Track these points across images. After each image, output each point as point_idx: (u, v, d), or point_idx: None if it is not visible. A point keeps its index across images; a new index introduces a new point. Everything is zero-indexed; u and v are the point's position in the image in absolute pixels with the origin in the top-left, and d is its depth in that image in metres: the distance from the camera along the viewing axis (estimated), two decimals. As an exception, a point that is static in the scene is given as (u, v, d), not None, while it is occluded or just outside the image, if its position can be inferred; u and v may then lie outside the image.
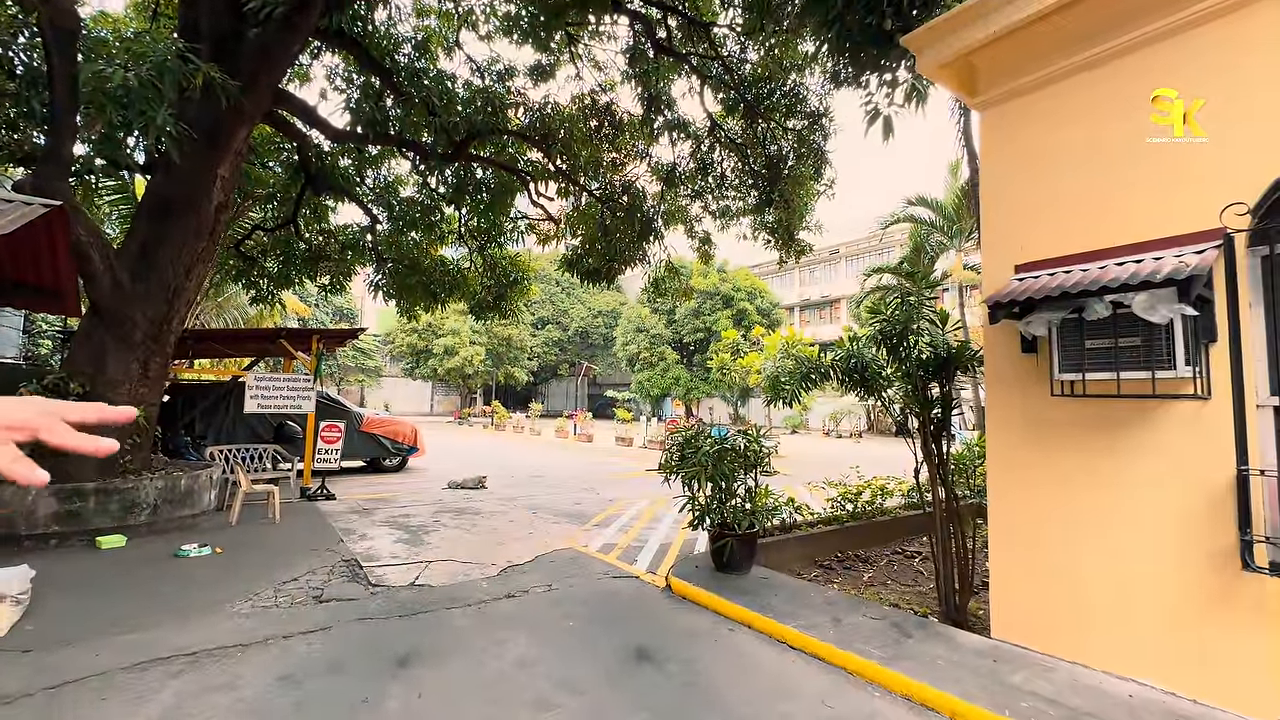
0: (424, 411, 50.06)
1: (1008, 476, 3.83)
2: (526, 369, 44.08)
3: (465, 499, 9.43)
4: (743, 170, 11.21)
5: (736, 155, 11.10)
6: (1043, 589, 3.58)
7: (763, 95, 10.21)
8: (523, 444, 22.27)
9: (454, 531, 7.11)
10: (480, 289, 12.52)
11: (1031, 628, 3.61)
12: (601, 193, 10.74)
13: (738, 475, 5.16)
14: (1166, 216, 3.16)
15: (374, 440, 12.18)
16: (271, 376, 9.01)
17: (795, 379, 4.86)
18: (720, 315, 38.39)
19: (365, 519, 7.70)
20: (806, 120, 10.64)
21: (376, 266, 11.28)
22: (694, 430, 5.48)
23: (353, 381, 44.70)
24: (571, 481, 11.78)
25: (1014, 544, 3.76)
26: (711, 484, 5.12)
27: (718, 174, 11.55)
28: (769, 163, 10.75)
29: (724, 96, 10.69)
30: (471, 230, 12.04)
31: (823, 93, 10.54)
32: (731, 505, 5.08)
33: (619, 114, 10.74)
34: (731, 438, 5.34)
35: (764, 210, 11.24)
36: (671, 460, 5.44)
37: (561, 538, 6.92)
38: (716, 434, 14.06)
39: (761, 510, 5.20)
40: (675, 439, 5.53)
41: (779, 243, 11.22)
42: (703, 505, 5.18)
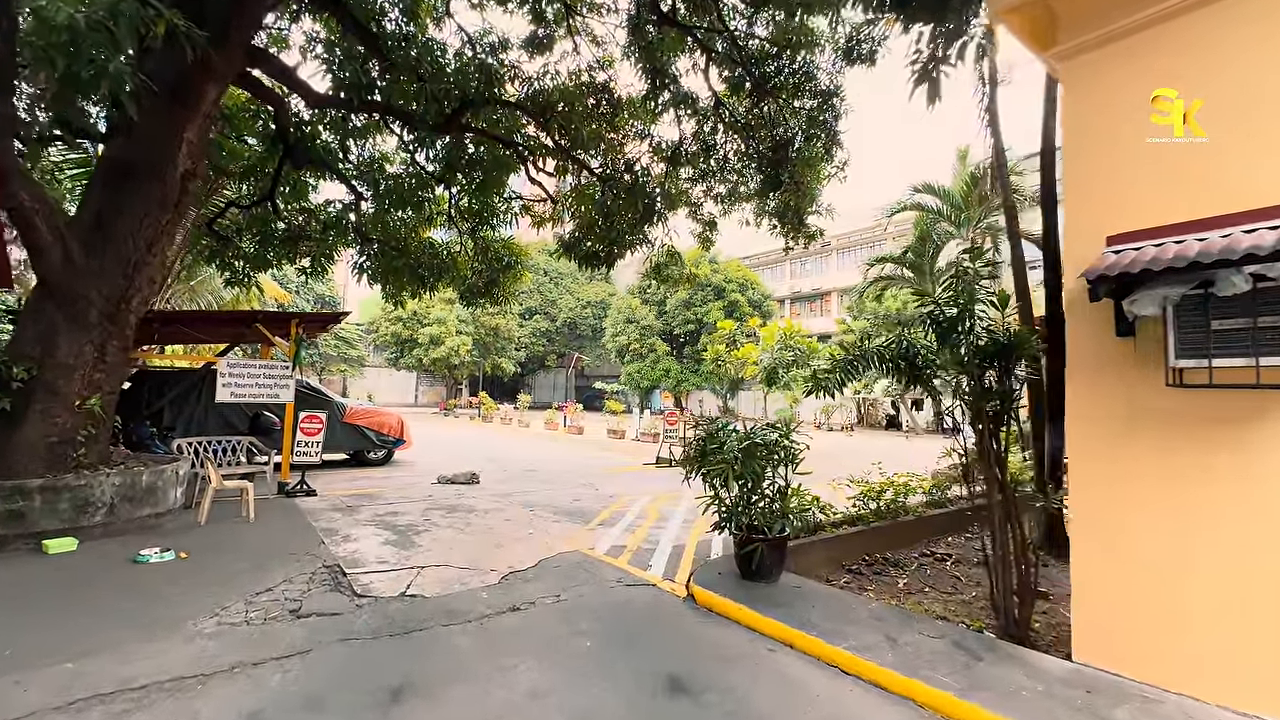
0: (408, 402, 49.09)
1: (1096, 472, 3.36)
2: (514, 360, 43.32)
3: (457, 495, 8.85)
4: (747, 153, 10.67)
5: (741, 137, 10.55)
6: (1138, 601, 3.13)
7: (770, 73, 9.68)
8: (512, 436, 21.66)
9: (447, 532, 6.55)
10: (471, 274, 11.88)
11: (1123, 648, 3.16)
12: (602, 171, 10.13)
13: (767, 473, 4.66)
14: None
15: (358, 432, 11.52)
16: (246, 363, 8.32)
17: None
18: (711, 307, 37.92)
19: (349, 517, 7.10)
20: (817, 100, 10.13)
21: (360, 248, 10.57)
22: (717, 424, 4.96)
23: (335, 371, 43.61)
24: (567, 476, 11.24)
25: (1102, 548, 3.30)
26: (739, 483, 4.61)
27: (720, 156, 11.01)
28: (775, 144, 10.23)
29: (729, 75, 10.14)
30: (462, 211, 11.37)
31: (833, 71, 10.04)
32: (761, 506, 4.57)
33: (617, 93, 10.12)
34: (759, 432, 4.83)
35: (769, 195, 10.73)
36: (693, 456, 4.92)
37: (564, 539, 6.39)
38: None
39: (794, 512, 4.70)
40: (697, 434, 5.01)
41: (788, 228, 10.71)
42: (729, 506, 4.67)
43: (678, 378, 39.64)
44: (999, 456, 4.14)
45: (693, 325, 38.78)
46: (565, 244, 11.07)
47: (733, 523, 4.63)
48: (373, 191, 10.20)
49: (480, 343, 38.90)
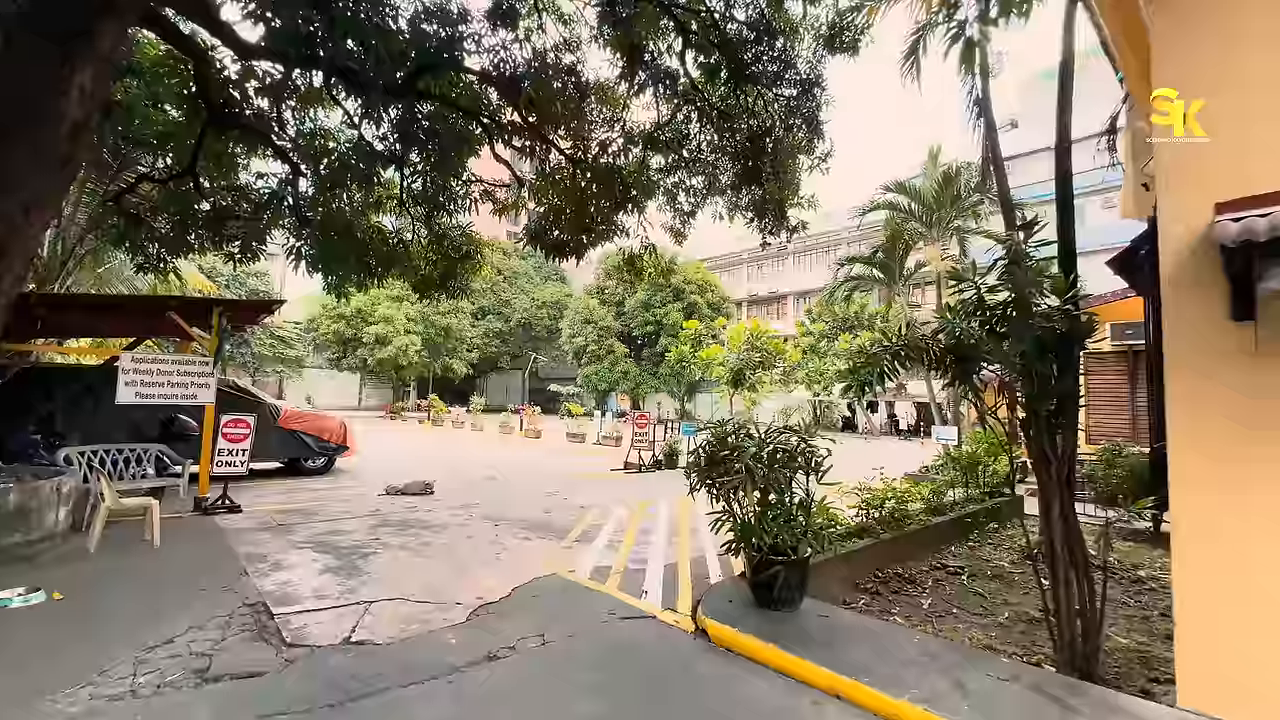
0: (351, 406, 46.43)
1: (1208, 476, 2.85)
2: (466, 361, 41.65)
3: (409, 508, 7.85)
4: (722, 145, 10.10)
5: (716, 126, 9.95)
6: (1263, 635, 2.63)
7: (749, 60, 9.15)
8: (466, 442, 20.44)
9: (400, 554, 5.61)
10: (424, 264, 10.84)
11: (1241, 692, 2.66)
12: (574, 153, 9.34)
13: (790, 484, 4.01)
14: None
15: (294, 438, 10.28)
16: (156, 358, 7.09)
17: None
18: (670, 308, 37.55)
19: (281, 539, 6.04)
20: (797, 89, 9.67)
21: (298, 231, 9.38)
22: (727, 426, 4.28)
23: (270, 373, 40.73)
24: (532, 484, 10.35)
25: (1214, 567, 2.79)
26: (760, 495, 3.94)
27: (695, 146, 10.43)
28: (752, 134, 9.71)
29: (705, 61, 9.56)
30: (416, 195, 10.33)
31: (815, 60, 9.62)
32: (782, 521, 3.91)
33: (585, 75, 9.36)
34: (774, 434, 4.18)
35: (747, 187, 10.22)
36: (699, 464, 4.22)
37: (539, 559, 5.57)
38: (686, 432, 12.89)
39: (820, 529, 4.07)
40: (704, 438, 4.32)
41: (770, 220, 10.21)
42: (745, 522, 3.99)
43: (636, 380, 39.04)
44: (1060, 464, 3.63)
45: (652, 327, 38.28)
46: (531, 233, 10.21)
47: (749, 542, 3.96)
48: (313, 168, 9.06)
49: (430, 343, 37.14)
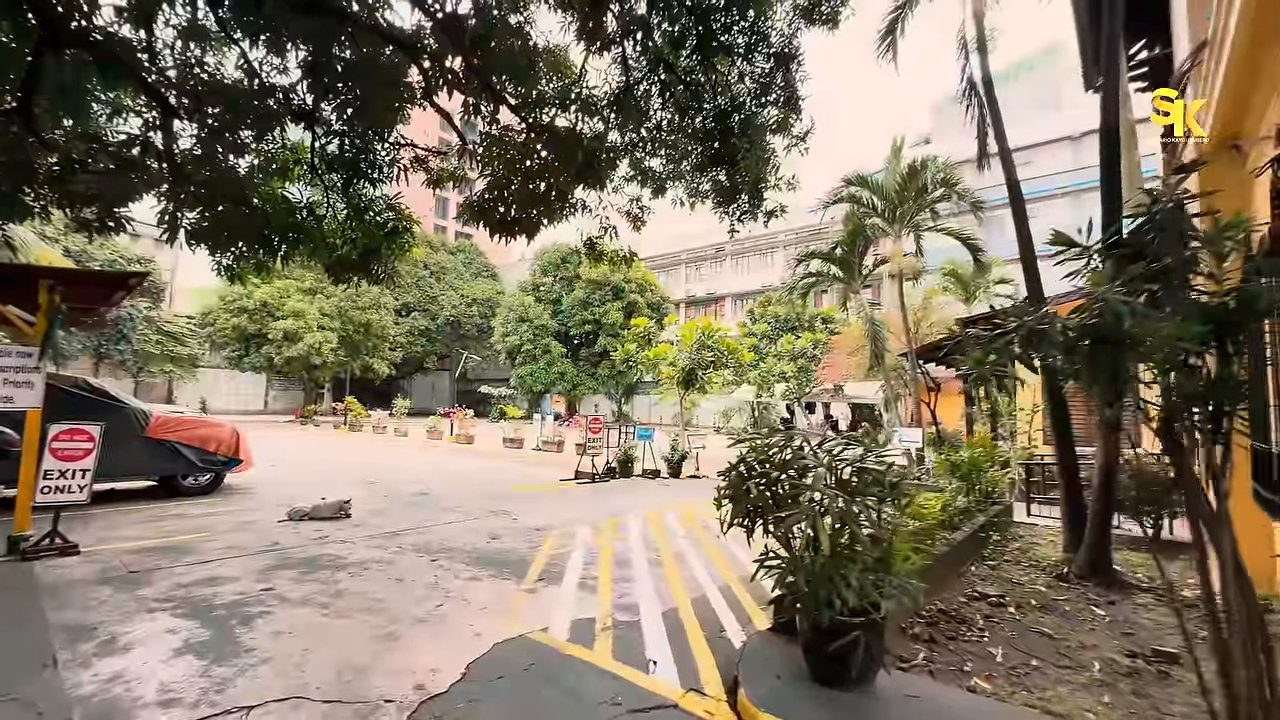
0: (256, 409, 42.06)
1: None
2: (388, 361, 38.58)
3: (318, 539, 6.23)
4: (683, 124, 9.06)
5: (678, 104, 8.88)
6: None
7: (718, 29, 8.19)
8: (389, 449, 18.35)
9: (302, 613, 4.11)
10: (341, 241, 9.11)
11: None
12: (529, 114, 7.99)
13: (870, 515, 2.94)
14: None
15: (168, 450, 8.27)
16: (-53, 346, 5.12)
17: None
18: (610, 307, 36.40)
19: (127, 594, 4.36)
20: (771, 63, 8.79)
21: (173, 191, 7.44)
22: (778, 437, 3.16)
23: (156, 373, 36.01)
24: (472, 501, 8.86)
25: None
26: (830, 535, 2.84)
27: (655, 123, 9.35)
28: (721, 112, 8.74)
29: (671, 30, 8.50)
30: (330, 159, 8.60)
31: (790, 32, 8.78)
32: (866, 570, 2.82)
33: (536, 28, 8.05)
34: (842, 447, 3.10)
35: (714, 169, 9.24)
36: (732, 492, 3.08)
37: (496, 610, 4.24)
38: (642, 436, 11.77)
39: (906, 577, 3.01)
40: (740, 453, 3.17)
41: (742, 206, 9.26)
42: (815, 571, 2.87)
43: (574, 381, 37.57)
44: (1219, 488, 2.76)
45: (590, 326, 36.96)
46: (474, 208, 8.73)
47: (816, 598, 2.84)
48: (193, 109, 7.17)
49: (348, 341, 34.00)
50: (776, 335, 31.50)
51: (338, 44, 6.80)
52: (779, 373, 28.57)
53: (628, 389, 39.24)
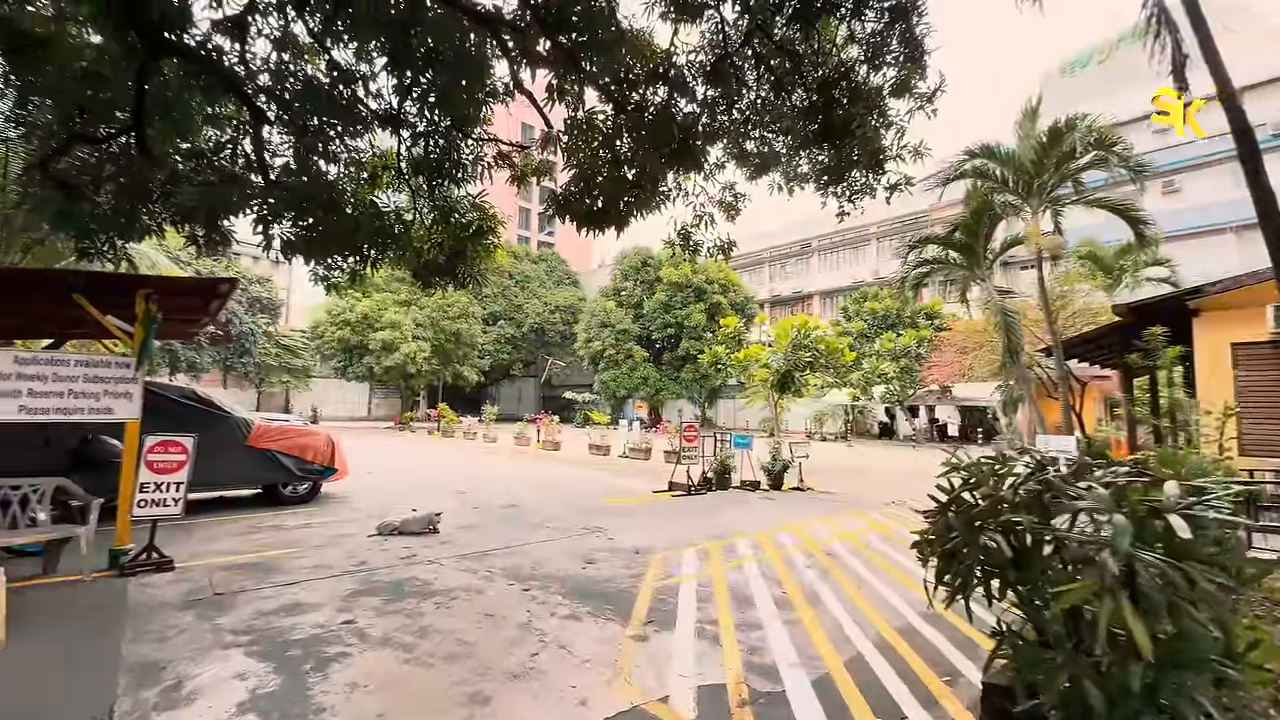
0: (360, 416, 44.80)
1: None
2: (477, 368, 39.75)
3: (406, 559, 5.80)
4: (782, 100, 7.98)
5: (775, 79, 7.82)
6: None
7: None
8: (478, 454, 18.43)
9: (381, 656, 3.54)
10: (428, 245, 8.86)
11: None
12: (617, 92, 7.29)
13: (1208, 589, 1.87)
14: None
15: (268, 459, 8.29)
16: (52, 357, 5.10)
17: None
18: (692, 309, 35.50)
19: (206, 624, 4.00)
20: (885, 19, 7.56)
21: (265, 200, 7.38)
22: (1022, 461, 2.16)
23: (275, 383, 39.20)
24: (562, 515, 8.27)
25: None
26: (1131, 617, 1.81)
27: (749, 101, 8.35)
28: (825, 81, 7.60)
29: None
30: (417, 162, 8.34)
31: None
32: (1209, 683, 1.77)
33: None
34: (1100, 473, 2.05)
35: (816, 146, 8.11)
36: (945, 543, 2.11)
37: (601, 665, 3.48)
38: (739, 444, 10.78)
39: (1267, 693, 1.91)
40: (946, 483, 2.20)
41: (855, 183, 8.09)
42: (1089, 676, 1.85)
43: (656, 385, 36.95)
44: None
45: (672, 329, 36.23)
46: (558, 201, 8.17)
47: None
48: (281, 110, 7.06)
49: (440, 349, 35.28)
50: (875, 333, 29.25)
51: (418, 30, 6.37)
52: (880, 373, 26.43)
53: (711, 393, 38.12)
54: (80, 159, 7.41)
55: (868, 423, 34.79)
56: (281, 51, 7.21)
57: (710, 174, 9.06)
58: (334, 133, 7.79)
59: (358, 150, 8.46)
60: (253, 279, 36.02)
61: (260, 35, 7.07)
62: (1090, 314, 15.55)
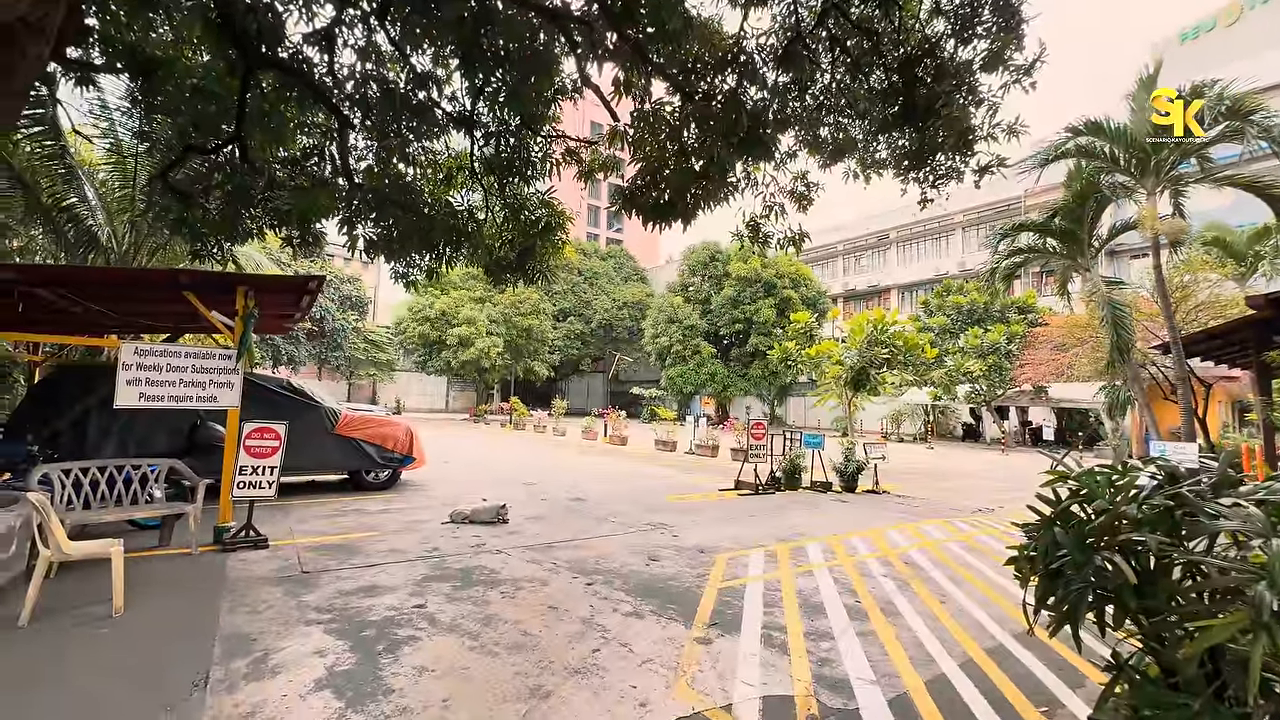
0: (439, 408, 47.12)
1: None
2: (547, 363, 40.74)
3: (475, 548, 5.96)
4: (859, 81, 7.50)
5: (852, 61, 7.36)
6: None
7: None
8: (547, 447, 18.86)
9: (448, 641, 3.62)
10: (499, 242, 9.10)
11: None
12: (685, 82, 7.15)
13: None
14: None
15: (353, 447, 8.79)
16: (165, 349, 5.61)
17: None
18: (761, 304, 34.70)
19: (293, 600, 4.26)
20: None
21: (348, 194, 7.79)
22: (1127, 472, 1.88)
23: (363, 376, 41.88)
24: (626, 510, 8.26)
25: None
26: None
27: (823, 86, 7.93)
28: (906, 60, 7.08)
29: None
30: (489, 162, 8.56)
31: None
32: None
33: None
34: (1249, 487, 1.74)
35: (895, 130, 7.59)
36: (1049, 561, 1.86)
37: (664, 667, 3.39)
38: (810, 444, 10.38)
39: None
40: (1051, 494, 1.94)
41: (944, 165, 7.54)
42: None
43: (724, 382, 36.46)
44: None
45: (740, 325, 35.59)
46: (625, 195, 8.13)
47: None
48: (363, 114, 7.43)
49: (512, 345, 36.43)
50: (959, 328, 27.47)
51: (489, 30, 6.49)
52: (964, 371, 24.79)
53: (781, 390, 37.17)
54: (193, 170, 8.11)
55: (950, 424, 32.75)
56: (365, 61, 7.55)
57: (781, 163, 8.74)
58: (412, 136, 8.10)
59: (433, 152, 8.77)
60: (343, 279, 38.58)
61: (345, 46, 7.43)
62: (1218, 307, 13.81)
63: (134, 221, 11.24)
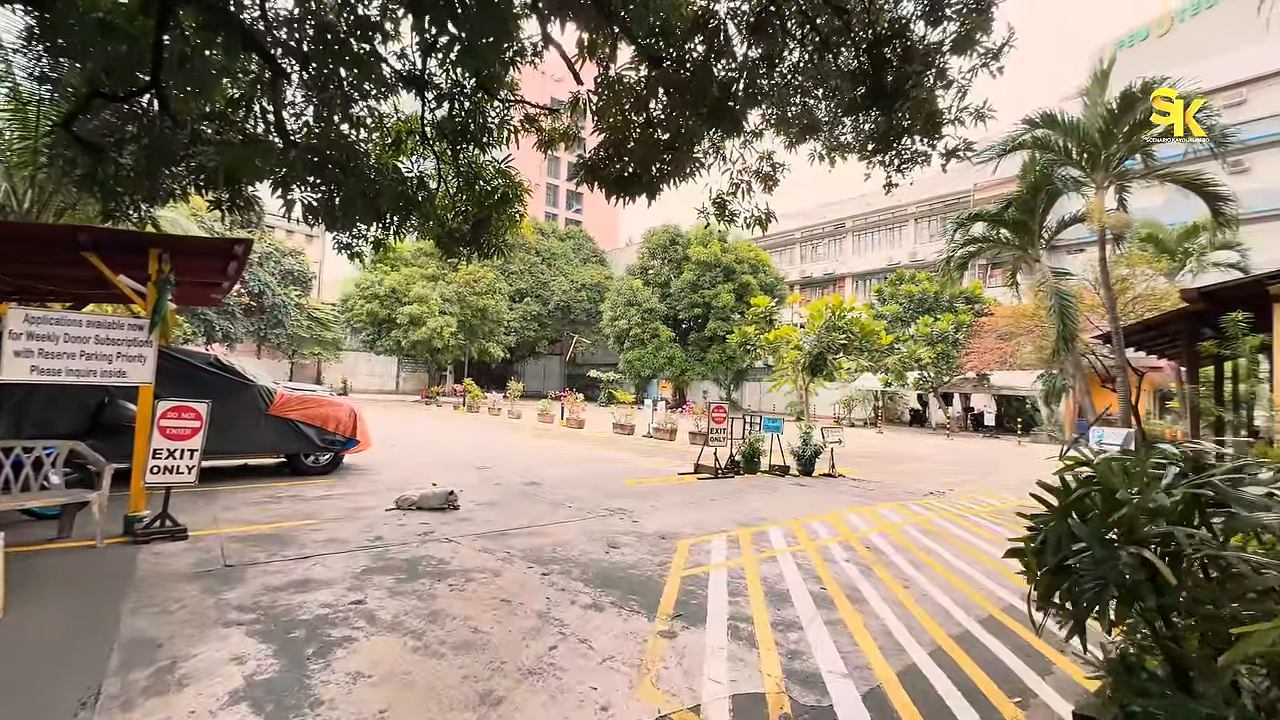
0: (389, 389, 45.48)
1: None
2: (503, 345, 39.79)
3: (422, 535, 5.58)
4: (826, 61, 7.32)
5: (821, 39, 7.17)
6: None
7: None
8: (502, 430, 18.35)
9: (387, 645, 3.28)
10: (452, 213, 8.57)
11: None
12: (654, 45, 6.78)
13: None
14: None
15: (290, 429, 8.17)
16: (63, 317, 4.93)
17: None
18: (721, 289, 34.78)
19: (211, 599, 3.81)
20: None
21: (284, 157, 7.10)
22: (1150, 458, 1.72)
23: (307, 355, 39.85)
24: (584, 495, 8.00)
25: None
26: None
27: (795, 61, 7.72)
28: (876, 39, 6.94)
29: None
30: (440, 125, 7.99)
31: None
32: None
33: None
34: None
35: (862, 112, 7.47)
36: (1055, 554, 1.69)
37: (626, 665, 3.16)
38: (769, 427, 10.36)
39: None
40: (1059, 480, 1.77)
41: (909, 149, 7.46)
42: None
43: (682, 366, 36.50)
44: None
45: (699, 309, 35.61)
46: (588, 165, 7.73)
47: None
48: (300, 67, 6.74)
49: (466, 325, 35.34)
50: (911, 317, 28.23)
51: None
52: (915, 358, 25.53)
53: (737, 375, 37.51)
54: (106, 121, 7.20)
55: (898, 409, 33.84)
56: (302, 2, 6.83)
57: (748, 141, 8.50)
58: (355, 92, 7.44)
59: (380, 114, 8.15)
60: (285, 251, 36.45)
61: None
62: (1154, 300, 14.54)
63: (35, 177, 10.07)
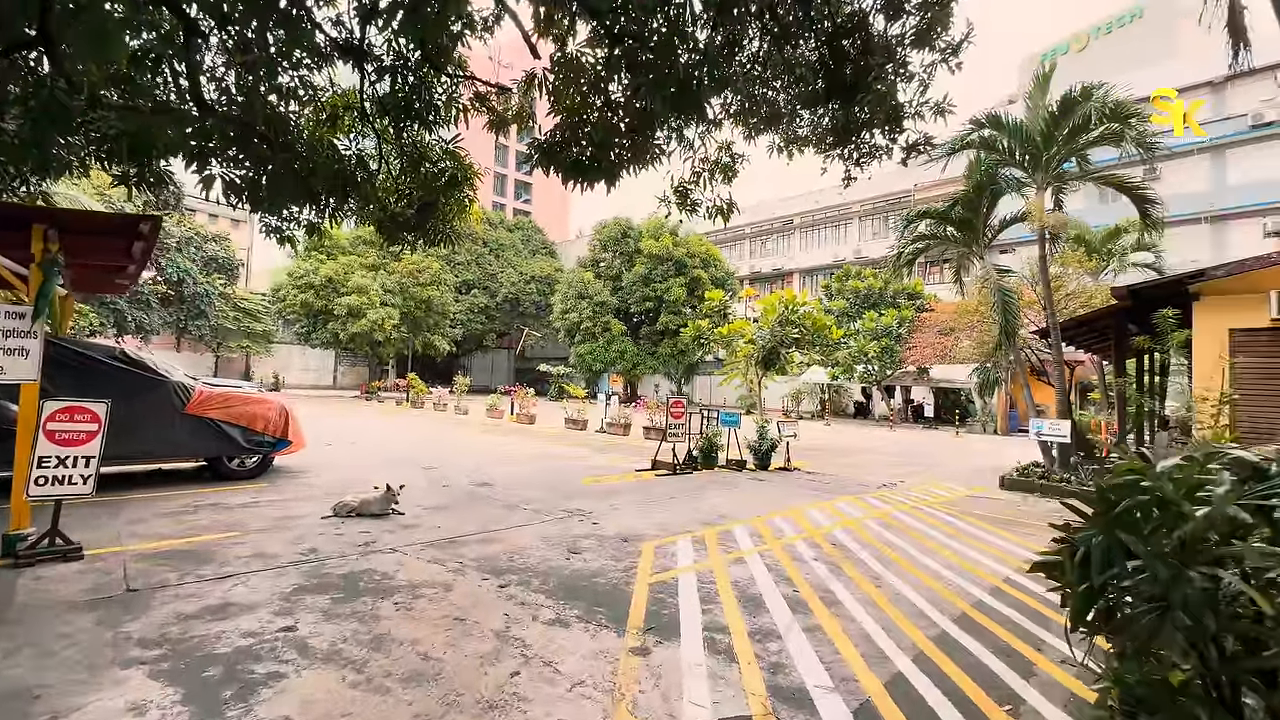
0: (325, 384, 43.21)
1: None
2: (449, 338, 38.43)
3: (362, 546, 5.09)
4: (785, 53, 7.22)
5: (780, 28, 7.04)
6: None
7: None
8: (448, 427, 17.60)
9: (322, 682, 2.86)
10: (395, 196, 7.97)
11: None
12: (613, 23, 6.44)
13: None
14: None
15: (210, 429, 7.41)
16: (-81, 303, 4.18)
17: None
18: (672, 283, 34.74)
19: (108, 632, 3.26)
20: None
21: (199, 128, 6.33)
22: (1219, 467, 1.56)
23: (234, 348, 37.23)
24: (541, 496, 7.62)
25: None
26: None
27: (755, 51, 7.57)
28: (836, 30, 6.88)
29: None
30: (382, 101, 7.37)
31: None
32: None
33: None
34: None
35: (822, 105, 7.41)
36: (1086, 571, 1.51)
37: (598, 691, 2.86)
38: (726, 422, 10.25)
39: None
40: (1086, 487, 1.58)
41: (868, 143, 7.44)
42: None
43: (633, 360, 36.31)
44: None
45: (651, 303, 35.46)
46: (542, 148, 7.31)
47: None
48: (219, 25, 6.01)
49: (409, 317, 33.87)
50: (857, 312, 29.02)
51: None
52: (863, 352, 26.26)
53: (688, 369, 37.66)
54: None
55: (844, 402, 34.85)
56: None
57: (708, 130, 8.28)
58: (284, 60, 6.75)
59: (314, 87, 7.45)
60: (207, 237, 33.87)
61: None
62: (1084, 297, 15.37)
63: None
